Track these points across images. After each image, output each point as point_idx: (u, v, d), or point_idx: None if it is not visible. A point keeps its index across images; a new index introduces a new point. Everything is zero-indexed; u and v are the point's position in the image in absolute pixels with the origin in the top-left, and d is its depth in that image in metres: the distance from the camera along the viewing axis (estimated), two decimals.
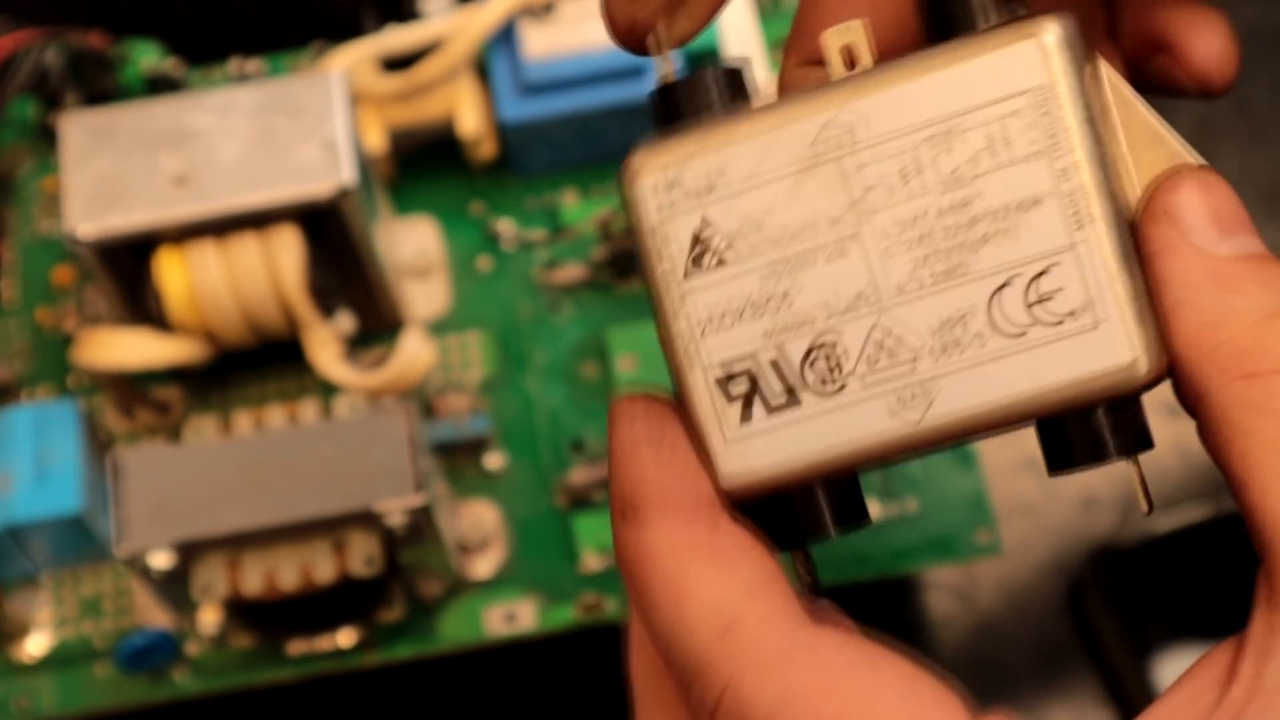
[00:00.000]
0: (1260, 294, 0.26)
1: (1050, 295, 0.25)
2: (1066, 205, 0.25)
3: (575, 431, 0.49)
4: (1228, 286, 0.26)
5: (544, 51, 0.49)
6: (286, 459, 0.43)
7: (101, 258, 0.45)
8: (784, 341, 0.26)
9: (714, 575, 0.27)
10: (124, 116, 0.46)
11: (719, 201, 0.26)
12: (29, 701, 0.46)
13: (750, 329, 0.26)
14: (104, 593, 0.47)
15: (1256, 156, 0.51)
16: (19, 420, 0.46)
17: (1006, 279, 0.25)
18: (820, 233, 0.26)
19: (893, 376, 0.26)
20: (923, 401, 0.26)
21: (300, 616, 0.44)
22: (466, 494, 0.48)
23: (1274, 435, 0.25)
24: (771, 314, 0.26)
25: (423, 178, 0.52)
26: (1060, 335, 0.25)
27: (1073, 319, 0.25)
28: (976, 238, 0.25)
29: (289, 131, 0.45)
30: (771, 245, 0.26)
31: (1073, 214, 0.25)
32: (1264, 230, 0.27)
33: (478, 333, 0.50)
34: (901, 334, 0.26)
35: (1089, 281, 0.25)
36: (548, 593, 0.47)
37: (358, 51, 0.50)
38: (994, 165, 0.25)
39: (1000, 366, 0.25)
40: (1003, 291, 0.25)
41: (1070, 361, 0.25)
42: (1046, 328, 0.25)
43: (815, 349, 0.26)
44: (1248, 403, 0.25)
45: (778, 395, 0.26)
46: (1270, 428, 0.25)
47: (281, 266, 0.45)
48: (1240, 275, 0.26)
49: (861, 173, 0.26)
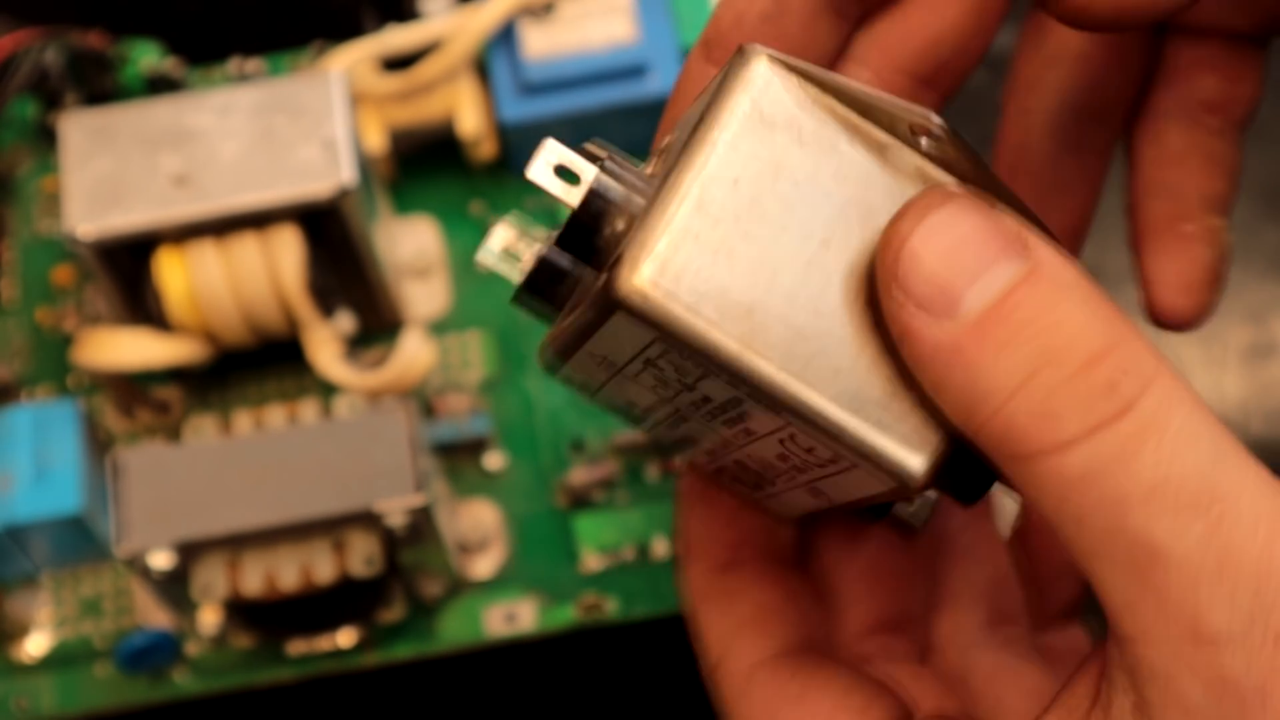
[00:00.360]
0: (1007, 362, 0.23)
1: (810, 449, 0.26)
2: (757, 403, 0.25)
3: (575, 431, 0.49)
4: (972, 364, 0.23)
5: (544, 51, 0.49)
6: (286, 459, 0.43)
7: (101, 258, 0.45)
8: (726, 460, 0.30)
9: (716, 614, 0.32)
10: (124, 116, 0.46)
11: None
12: (29, 701, 0.46)
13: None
14: (104, 593, 0.47)
15: (1257, 156, 0.51)
16: (19, 420, 0.46)
17: (779, 439, 0.26)
18: (661, 412, 0.29)
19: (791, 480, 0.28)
20: (820, 495, 0.28)
21: (300, 616, 0.44)
22: (466, 494, 0.48)
23: (1062, 518, 0.23)
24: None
25: (423, 178, 0.52)
26: (841, 469, 0.26)
27: (835, 464, 0.26)
28: (727, 421, 0.27)
29: (289, 131, 0.45)
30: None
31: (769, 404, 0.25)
32: (1264, 230, 0.27)
33: (478, 333, 0.50)
34: (758, 466, 0.29)
35: (823, 442, 0.25)
36: (548, 593, 0.47)
37: (358, 51, 0.50)
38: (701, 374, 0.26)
39: (825, 485, 0.27)
40: (785, 444, 0.26)
41: (866, 480, 0.26)
42: (827, 466, 0.26)
43: (738, 465, 0.29)
44: (1030, 486, 0.23)
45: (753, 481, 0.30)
46: (1071, 510, 0.23)
47: (281, 266, 0.45)
48: (984, 343, 0.23)
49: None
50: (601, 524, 0.47)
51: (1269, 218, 0.50)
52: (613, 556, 0.47)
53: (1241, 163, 0.34)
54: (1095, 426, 0.23)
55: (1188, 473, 0.22)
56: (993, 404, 0.23)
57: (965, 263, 0.23)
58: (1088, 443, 0.23)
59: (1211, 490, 0.22)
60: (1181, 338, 0.49)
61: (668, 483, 0.48)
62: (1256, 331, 0.50)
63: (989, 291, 0.23)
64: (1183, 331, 0.32)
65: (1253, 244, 0.51)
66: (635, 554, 0.47)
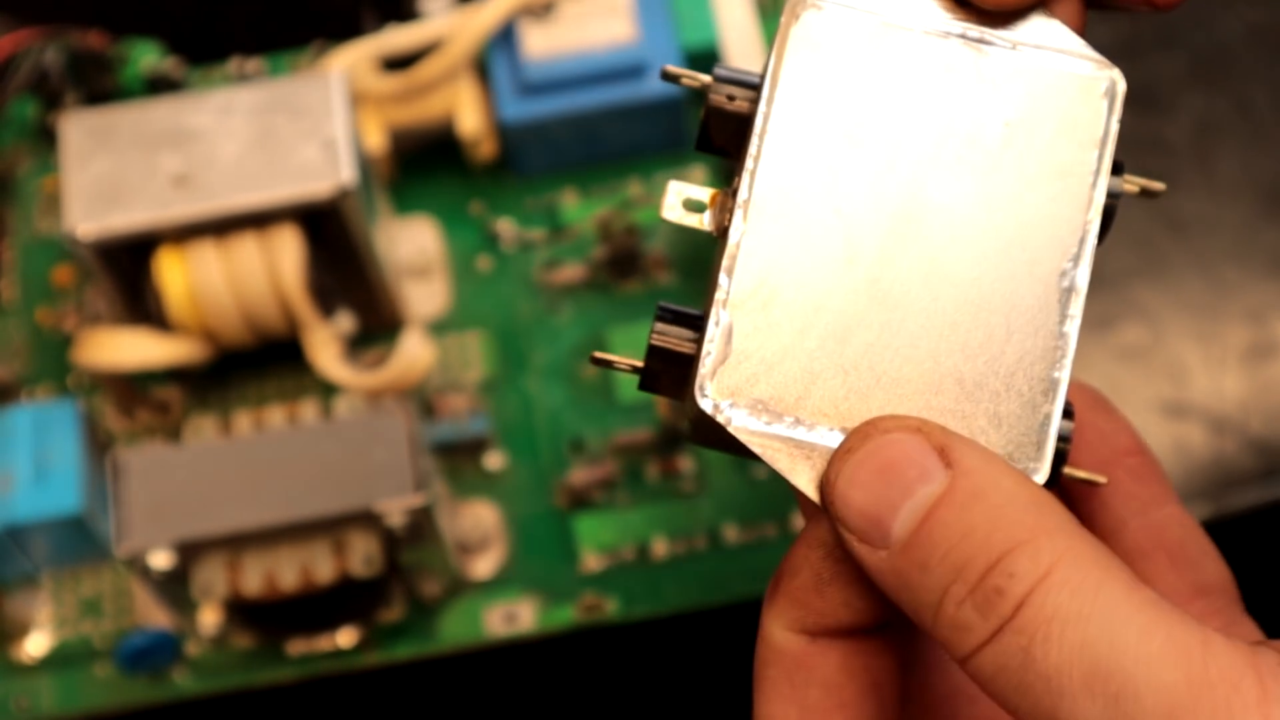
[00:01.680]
0: (930, 582, 0.26)
1: None
2: None
3: (575, 431, 0.49)
4: (907, 584, 0.26)
5: (544, 51, 0.49)
6: (286, 459, 0.43)
7: (101, 258, 0.45)
8: None
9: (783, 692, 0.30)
10: (124, 116, 0.46)
11: None
12: (29, 701, 0.46)
13: None
14: (104, 593, 0.47)
15: (1257, 156, 0.51)
16: (19, 420, 0.46)
17: None
18: None
19: None
20: None
21: (300, 616, 0.44)
22: (466, 494, 0.48)
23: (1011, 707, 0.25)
24: None
25: (423, 178, 0.52)
26: None
27: None
28: None
29: (289, 131, 0.45)
30: None
31: None
32: (1264, 231, 0.27)
33: (478, 333, 0.50)
34: None
35: None
36: (548, 593, 0.47)
37: (358, 51, 0.50)
38: None
39: None
40: None
41: None
42: None
43: None
44: (976, 682, 0.26)
45: None
46: (1003, 702, 0.25)
47: (281, 266, 0.45)
48: (912, 565, 0.26)
49: None
50: (601, 524, 0.47)
51: (1269, 218, 0.50)
52: (613, 556, 0.47)
53: None
54: (994, 631, 0.25)
55: (1082, 657, 0.24)
56: (926, 619, 0.26)
57: (888, 494, 0.26)
58: (992, 646, 0.25)
59: (1107, 672, 0.24)
60: (1182, 337, 0.49)
61: (668, 483, 0.48)
62: (1256, 331, 0.50)
63: (912, 518, 0.26)
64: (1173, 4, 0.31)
65: (1253, 244, 0.51)
66: (635, 554, 0.47)
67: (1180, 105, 0.53)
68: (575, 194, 0.52)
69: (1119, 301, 0.49)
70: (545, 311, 0.50)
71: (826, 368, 0.28)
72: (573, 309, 0.50)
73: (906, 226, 0.28)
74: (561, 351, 0.50)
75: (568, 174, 0.52)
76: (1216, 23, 0.54)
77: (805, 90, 0.28)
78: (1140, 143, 0.53)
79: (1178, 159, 0.52)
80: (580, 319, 0.50)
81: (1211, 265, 0.50)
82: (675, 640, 0.47)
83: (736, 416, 0.27)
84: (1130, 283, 0.34)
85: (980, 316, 0.28)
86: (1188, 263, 0.51)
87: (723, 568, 0.47)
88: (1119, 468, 0.32)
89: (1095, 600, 0.25)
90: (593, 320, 0.50)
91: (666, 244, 0.51)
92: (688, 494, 0.48)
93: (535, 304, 0.50)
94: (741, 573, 0.46)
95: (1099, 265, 0.27)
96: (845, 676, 0.28)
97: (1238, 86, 0.53)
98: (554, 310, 0.50)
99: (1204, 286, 0.50)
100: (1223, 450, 0.48)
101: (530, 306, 0.50)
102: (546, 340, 0.50)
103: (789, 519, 0.47)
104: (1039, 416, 0.27)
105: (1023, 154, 0.28)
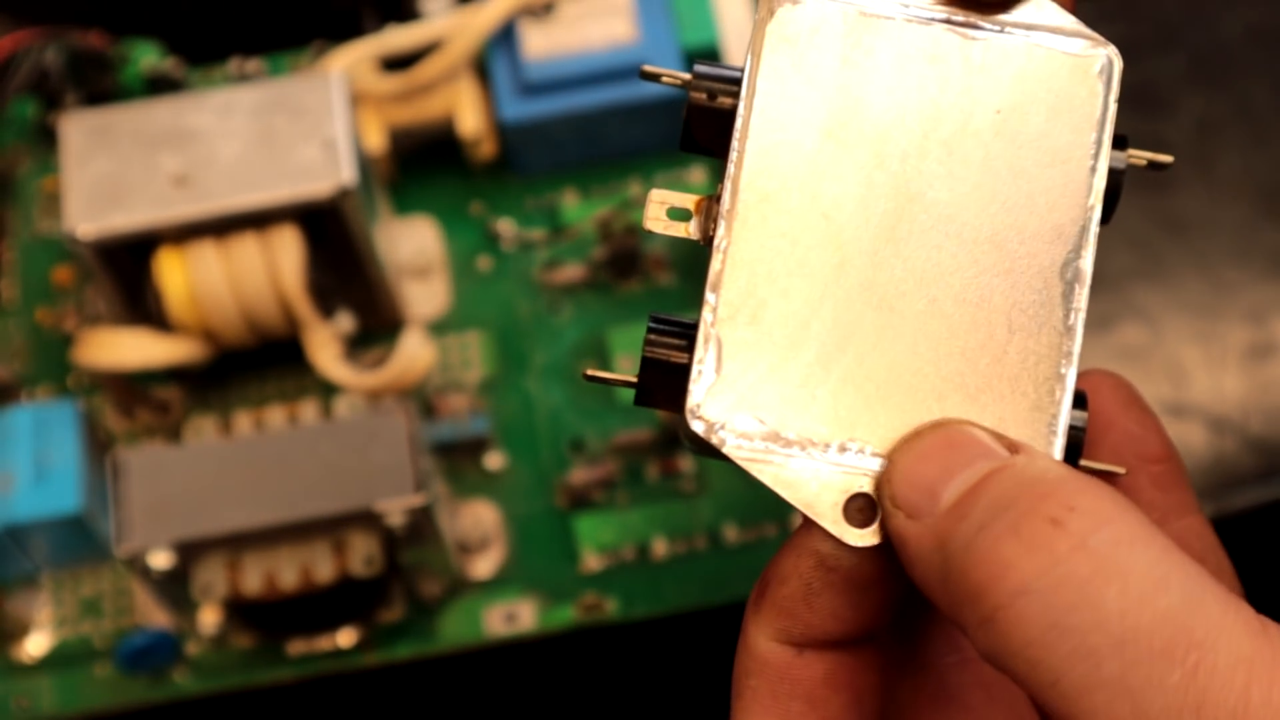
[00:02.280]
0: (964, 530, 0.24)
1: None
2: None
3: (575, 431, 0.49)
4: (942, 541, 0.25)
5: (544, 51, 0.49)
6: (286, 459, 0.43)
7: (101, 258, 0.45)
8: None
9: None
10: (124, 116, 0.46)
11: None
12: (29, 701, 0.46)
13: None
14: (104, 593, 0.47)
15: (1257, 156, 0.51)
16: (19, 420, 0.46)
17: None
18: None
19: None
20: None
21: (300, 616, 0.44)
22: (466, 494, 0.48)
23: (1035, 678, 0.23)
24: None
25: (423, 178, 0.52)
26: None
27: None
28: None
29: (289, 131, 0.45)
30: None
31: None
32: (1264, 231, 0.27)
33: (478, 333, 0.50)
34: None
35: None
36: (548, 593, 0.47)
37: (358, 51, 0.50)
38: None
39: None
40: None
41: None
42: None
43: None
44: (1005, 652, 0.23)
45: None
46: (1027, 672, 0.23)
47: (281, 266, 0.45)
48: (951, 520, 0.25)
49: None
50: (601, 524, 0.47)
51: (1269, 218, 0.50)
52: (613, 556, 0.47)
53: None
54: (1045, 566, 0.23)
55: (1159, 620, 0.22)
56: (955, 567, 0.24)
57: (948, 464, 0.25)
58: (1042, 582, 0.23)
59: (1187, 638, 0.22)
60: (1182, 337, 0.49)
61: (668, 483, 0.48)
62: (1256, 331, 0.50)
63: (965, 483, 0.25)
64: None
65: (1253, 244, 0.51)
66: (635, 554, 0.47)
67: (1180, 105, 0.53)
68: (575, 194, 0.52)
69: (1118, 302, 0.49)
70: (545, 311, 0.50)
71: (823, 380, 0.27)
72: (573, 309, 0.50)
73: (898, 226, 0.27)
74: (561, 351, 0.50)
75: (568, 174, 0.52)
76: (1216, 23, 0.54)
77: (785, 89, 0.27)
78: (1140, 143, 0.52)
79: (1178, 159, 0.52)
80: (580, 319, 0.50)
81: (1211, 265, 0.50)
82: (675, 640, 0.47)
83: (729, 439, 0.27)
84: (1130, 283, 0.34)
85: (980, 316, 0.27)
86: (1187, 263, 0.51)
87: (723, 568, 0.47)
88: (1143, 474, 0.31)
89: (1176, 562, 0.23)
90: (593, 320, 0.50)
91: (666, 244, 0.51)
92: (688, 494, 0.48)
93: (535, 304, 0.50)
94: (741, 573, 0.46)
95: (1099, 266, 0.27)
96: (830, 690, 0.28)
97: (1238, 86, 0.53)
98: (554, 310, 0.50)
99: (1204, 286, 0.50)
100: (1223, 450, 0.48)
101: (530, 306, 0.50)
102: (546, 340, 0.50)
103: (789, 519, 0.47)
104: (1046, 418, 0.27)
105: (1016, 142, 0.27)
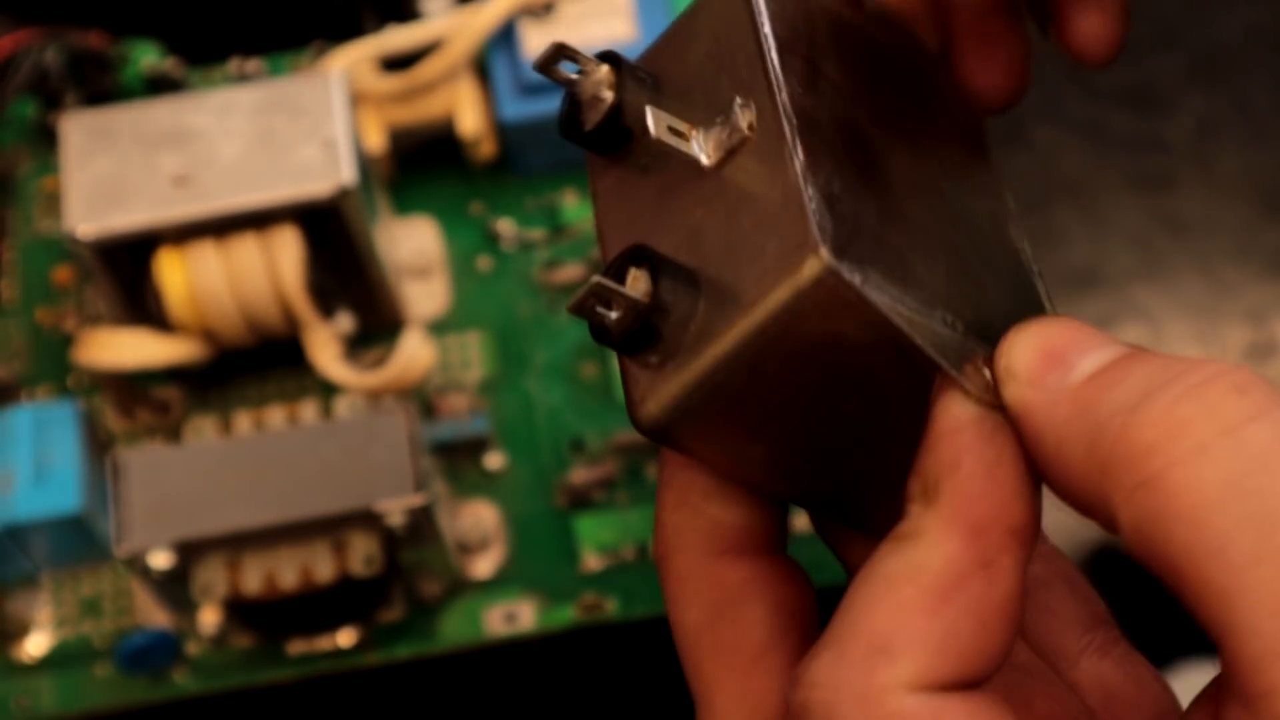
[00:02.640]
0: (1120, 394, 0.22)
1: None
2: None
3: (575, 431, 0.49)
4: (1090, 406, 0.22)
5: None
6: (286, 459, 0.43)
7: (101, 258, 0.45)
8: None
9: None
10: (124, 116, 0.46)
11: None
12: (29, 701, 0.46)
13: None
14: (104, 593, 0.47)
15: (1257, 156, 0.51)
16: (19, 420, 0.46)
17: None
18: None
19: None
20: None
21: (300, 616, 0.44)
22: (466, 494, 0.48)
23: (1199, 544, 0.21)
24: None
25: (423, 178, 0.52)
26: None
27: None
28: None
29: (289, 131, 0.45)
30: None
31: None
32: (1264, 231, 0.27)
33: (478, 333, 0.50)
34: None
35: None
36: (548, 593, 0.47)
37: (358, 51, 0.50)
38: None
39: None
40: None
41: None
42: None
43: None
44: (1162, 517, 0.21)
45: None
46: (1189, 537, 0.21)
47: (281, 266, 0.45)
48: (1098, 387, 0.22)
49: None
50: (601, 524, 0.47)
51: (1269, 218, 0.50)
52: (613, 556, 0.47)
53: None
54: (1228, 427, 0.20)
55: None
56: (1114, 426, 0.21)
57: (1078, 340, 0.23)
58: (1222, 447, 0.20)
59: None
60: (1182, 337, 0.49)
61: None
62: (1256, 331, 0.50)
63: (1105, 356, 0.23)
64: (1101, 64, 0.30)
65: (1253, 244, 0.51)
66: (635, 554, 0.47)
67: (1180, 105, 0.53)
68: (575, 194, 0.52)
69: (1118, 301, 0.49)
70: (545, 311, 0.50)
71: (911, 250, 0.25)
72: None
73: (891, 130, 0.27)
74: (561, 351, 0.50)
75: (568, 174, 0.52)
76: (1216, 23, 0.54)
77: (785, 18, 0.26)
78: (1140, 143, 0.53)
79: (1178, 159, 0.52)
80: (580, 319, 0.50)
81: (1211, 265, 0.50)
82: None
83: (870, 292, 0.24)
84: (1130, 283, 0.34)
85: (967, 223, 0.28)
86: (1188, 263, 0.51)
87: None
88: None
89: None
90: None
91: None
92: None
93: (535, 304, 0.50)
94: None
95: (1099, 265, 0.27)
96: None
97: (1238, 86, 0.53)
98: (554, 310, 0.50)
99: (1204, 286, 0.50)
100: None
101: (530, 306, 0.50)
102: (546, 340, 0.50)
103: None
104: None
105: None
